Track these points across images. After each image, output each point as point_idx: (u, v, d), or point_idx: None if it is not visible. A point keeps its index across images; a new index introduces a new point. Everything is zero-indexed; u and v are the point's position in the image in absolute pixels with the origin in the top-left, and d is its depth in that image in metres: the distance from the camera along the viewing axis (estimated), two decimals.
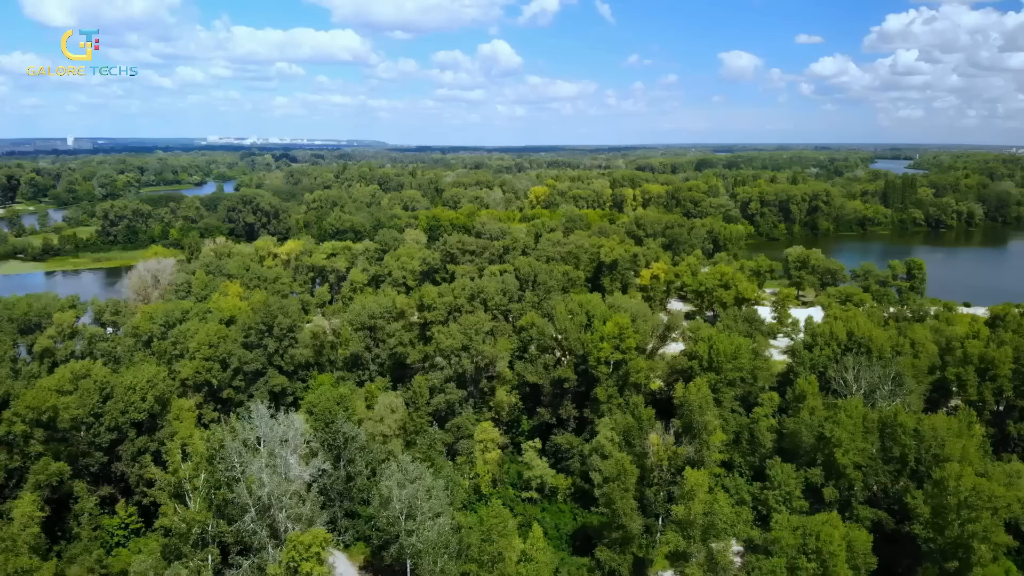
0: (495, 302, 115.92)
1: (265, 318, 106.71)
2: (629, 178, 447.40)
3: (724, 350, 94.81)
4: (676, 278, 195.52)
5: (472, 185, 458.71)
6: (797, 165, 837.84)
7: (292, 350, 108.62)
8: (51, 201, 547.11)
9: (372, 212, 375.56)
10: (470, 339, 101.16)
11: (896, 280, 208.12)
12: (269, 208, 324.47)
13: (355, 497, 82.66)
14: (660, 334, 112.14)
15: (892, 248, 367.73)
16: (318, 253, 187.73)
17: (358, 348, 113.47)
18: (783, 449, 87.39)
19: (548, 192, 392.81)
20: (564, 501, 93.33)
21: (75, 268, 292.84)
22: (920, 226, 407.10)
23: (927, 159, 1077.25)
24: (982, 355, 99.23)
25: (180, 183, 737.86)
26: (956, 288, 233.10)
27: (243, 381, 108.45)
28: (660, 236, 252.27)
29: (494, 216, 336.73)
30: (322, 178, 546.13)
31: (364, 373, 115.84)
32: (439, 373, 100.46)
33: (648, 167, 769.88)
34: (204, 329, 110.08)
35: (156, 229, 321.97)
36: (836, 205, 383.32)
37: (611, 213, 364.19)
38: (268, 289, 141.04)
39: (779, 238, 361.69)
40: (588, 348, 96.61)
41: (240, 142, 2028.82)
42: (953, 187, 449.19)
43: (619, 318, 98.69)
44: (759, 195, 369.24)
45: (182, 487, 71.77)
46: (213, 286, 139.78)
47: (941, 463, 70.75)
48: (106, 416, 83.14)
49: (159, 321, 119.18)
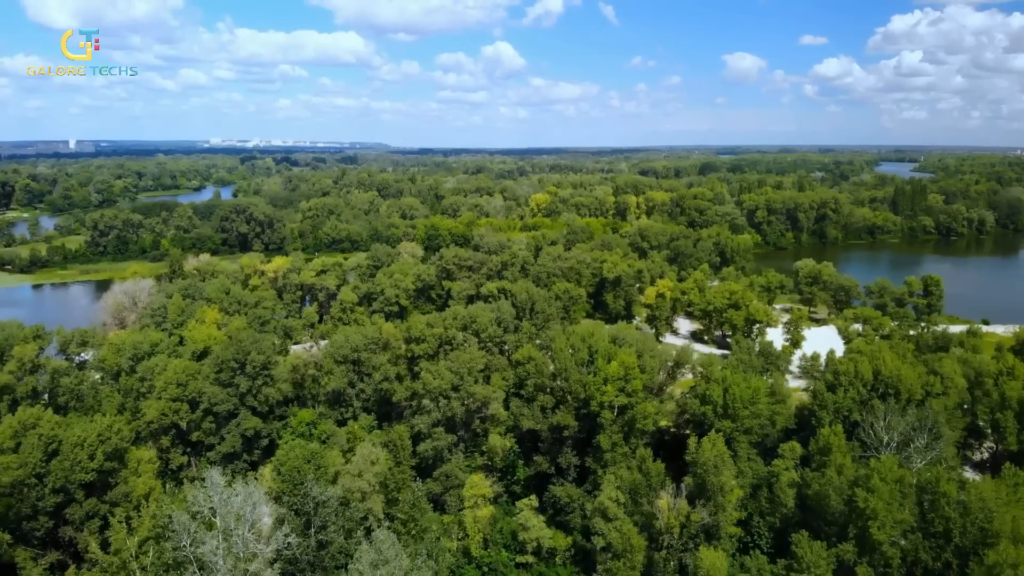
0: (489, 333, 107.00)
1: (237, 354, 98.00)
2: (632, 184, 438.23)
3: (740, 395, 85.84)
4: (683, 295, 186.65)
5: (472, 192, 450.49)
6: (802, 169, 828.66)
7: (267, 389, 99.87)
8: (46, 208, 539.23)
9: (370, 220, 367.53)
10: (461, 379, 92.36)
11: (912, 297, 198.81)
12: (263, 218, 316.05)
13: (328, 566, 73.84)
14: (669, 369, 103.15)
15: (902, 258, 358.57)
16: (307, 271, 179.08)
17: (340, 384, 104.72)
18: (806, 507, 78.47)
19: (549, 200, 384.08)
20: (563, 564, 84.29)
21: (63, 280, 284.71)
22: (930, 234, 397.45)
23: (932, 162, 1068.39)
24: (1022, 398, 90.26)
25: (179, 188, 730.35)
26: (973, 304, 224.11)
27: (213, 423, 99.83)
28: (665, 248, 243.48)
29: (494, 225, 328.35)
30: (320, 184, 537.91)
31: (347, 410, 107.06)
32: (426, 417, 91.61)
33: (651, 171, 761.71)
34: (173, 366, 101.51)
35: (147, 239, 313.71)
36: (845, 213, 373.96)
37: (614, 222, 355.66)
38: (248, 315, 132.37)
39: (787, 247, 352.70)
40: (591, 391, 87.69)
41: (243, 144, 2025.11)
42: (963, 193, 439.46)
43: (624, 356, 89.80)
44: (766, 203, 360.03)
45: (127, 566, 63.03)
46: (190, 311, 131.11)
47: (990, 541, 62.13)
48: (51, 477, 74.45)
49: (127, 354, 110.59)
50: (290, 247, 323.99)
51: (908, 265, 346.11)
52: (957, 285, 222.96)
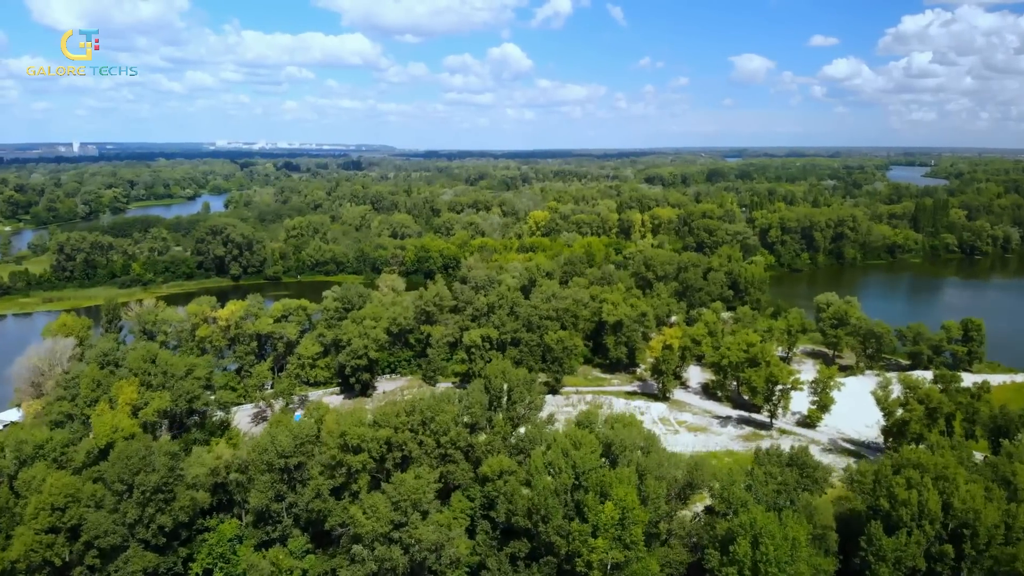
0: (451, 437, 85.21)
1: (123, 474, 76.78)
2: (637, 199, 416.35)
3: (775, 553, 64.02)
4: (693, 343, 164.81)
5: (469, 206, 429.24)
6: (812, 175, 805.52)
7: (162, 517, 78.52)
8: (30, 221, 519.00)
9: (359, 238, 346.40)
10: (405, 515, 70.79)
11: (951, 344, 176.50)
12: (240, 240, 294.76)
13: None
14: (679, 492, 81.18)
15: (926, 281, 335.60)
16: (265, 317, 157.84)
17: (263, 500, 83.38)
18: None
19: (549, 217, 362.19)
20: None
21: (23, 311, 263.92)
22: (953, 252, 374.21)
23: (944, 167, 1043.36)
24: None
25: (172, 197, 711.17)
26: (1012, 342, 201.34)
27: (98, 558, 78.58)
28: (672, 280, 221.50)
29: (488, 247, 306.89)
30: (313, 196, 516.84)
31: (275, 529, 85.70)
32: (359, 568, 70.04)
33: (658, 177, 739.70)
34: (52, 481, 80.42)
35: (117, 263, 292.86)
36: (863, 231, 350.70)
37: (617, 241, 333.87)
38: (175, 389, 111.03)
39: (802, 269, 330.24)
40: (574, 546, 66.14)
41: (248, 147, 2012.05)
42: (986, 208, 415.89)
43: (622, 491, 68.20)
44: (779, 221, 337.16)
45: None
46: (107, 385, 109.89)
47: None
48: None
49: (9, 456, 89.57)
50: (270, 270, 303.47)
51: (933, 291, 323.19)
52: (991, 317, 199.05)
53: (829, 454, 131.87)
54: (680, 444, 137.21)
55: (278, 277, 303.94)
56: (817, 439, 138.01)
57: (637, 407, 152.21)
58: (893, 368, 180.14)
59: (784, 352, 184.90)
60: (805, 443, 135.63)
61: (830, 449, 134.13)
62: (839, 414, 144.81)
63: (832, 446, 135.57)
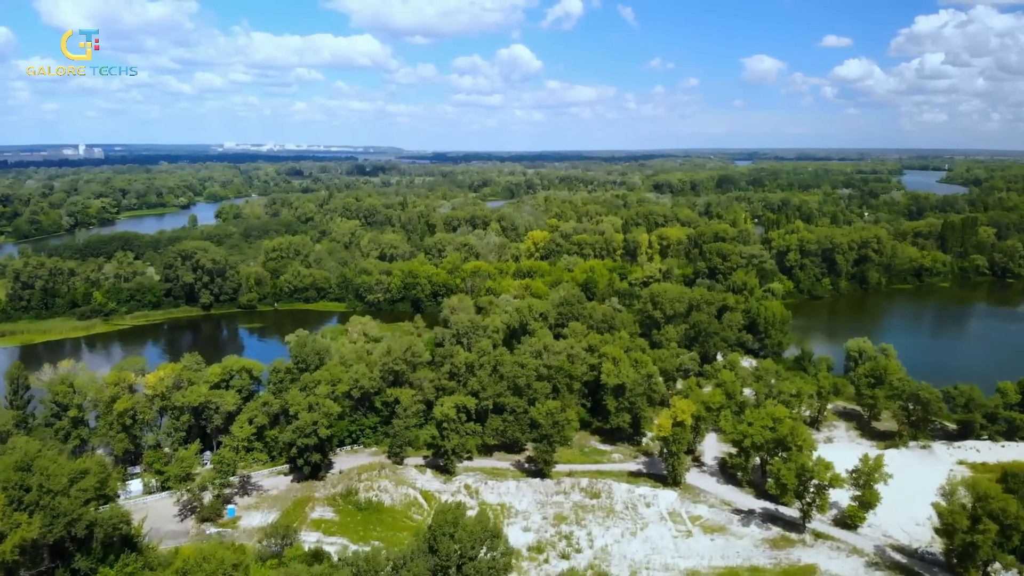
0: None
1: None
2: (644, 214, 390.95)
3: None
4: (708, 411, 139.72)
5: (466, 221, 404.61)
6: (825, 181, 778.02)
7: None
8: (12, 234, 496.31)
9: (344, 258, 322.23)
10: None
11: (1007, 411, 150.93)
12: (211, 265, 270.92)
13: None
14: None
15: (956, 310, 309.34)
16: (202, 383, 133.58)
17: None
18: None
19: (548, 238, 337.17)
20: None
21: None
22: (983, 275, 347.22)
23: (960, 172, 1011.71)
24: None
25: (165, 206, 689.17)
26: None
27: None
28: (682, 321, 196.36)
29: (482, 271, 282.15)
30: (304, 209, 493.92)
31: None
32: None
33: (666, 184, 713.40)
34: None
35: (79, 291, 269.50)
36: (888, 252, 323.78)
37: (622, 265, 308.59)
38: (52, 508, 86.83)
39: (823, 296, 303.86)
40: None
41: (256, 149, 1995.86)
42: (1017, 226, 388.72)
43: None
44: (798, 243, 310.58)
45: None
46: None
47: None
48: None
49: None
50: (244, 298, 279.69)
51: (965, 319, 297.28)
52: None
53: (876, 571, 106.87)
54: (694, 553, 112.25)
55: (253, 306, 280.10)
56: (860, 547, 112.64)
57: (642, 496, 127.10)
58: (939, 435, 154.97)
59: (813, 414, 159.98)
60: (846, 552, 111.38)
61: (876, 563, 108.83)
62: (885, 503, 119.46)
63: (879, 557, 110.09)
